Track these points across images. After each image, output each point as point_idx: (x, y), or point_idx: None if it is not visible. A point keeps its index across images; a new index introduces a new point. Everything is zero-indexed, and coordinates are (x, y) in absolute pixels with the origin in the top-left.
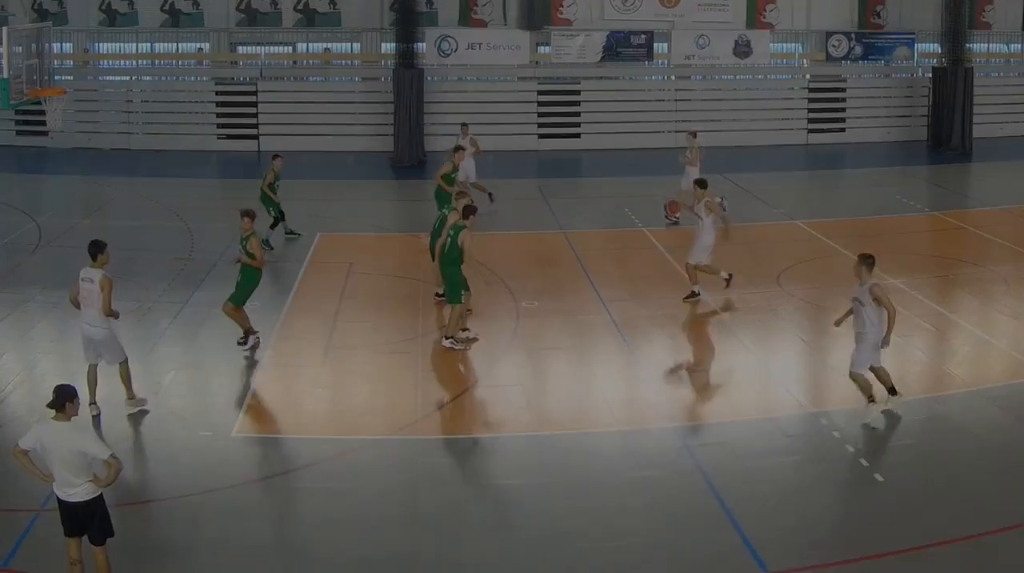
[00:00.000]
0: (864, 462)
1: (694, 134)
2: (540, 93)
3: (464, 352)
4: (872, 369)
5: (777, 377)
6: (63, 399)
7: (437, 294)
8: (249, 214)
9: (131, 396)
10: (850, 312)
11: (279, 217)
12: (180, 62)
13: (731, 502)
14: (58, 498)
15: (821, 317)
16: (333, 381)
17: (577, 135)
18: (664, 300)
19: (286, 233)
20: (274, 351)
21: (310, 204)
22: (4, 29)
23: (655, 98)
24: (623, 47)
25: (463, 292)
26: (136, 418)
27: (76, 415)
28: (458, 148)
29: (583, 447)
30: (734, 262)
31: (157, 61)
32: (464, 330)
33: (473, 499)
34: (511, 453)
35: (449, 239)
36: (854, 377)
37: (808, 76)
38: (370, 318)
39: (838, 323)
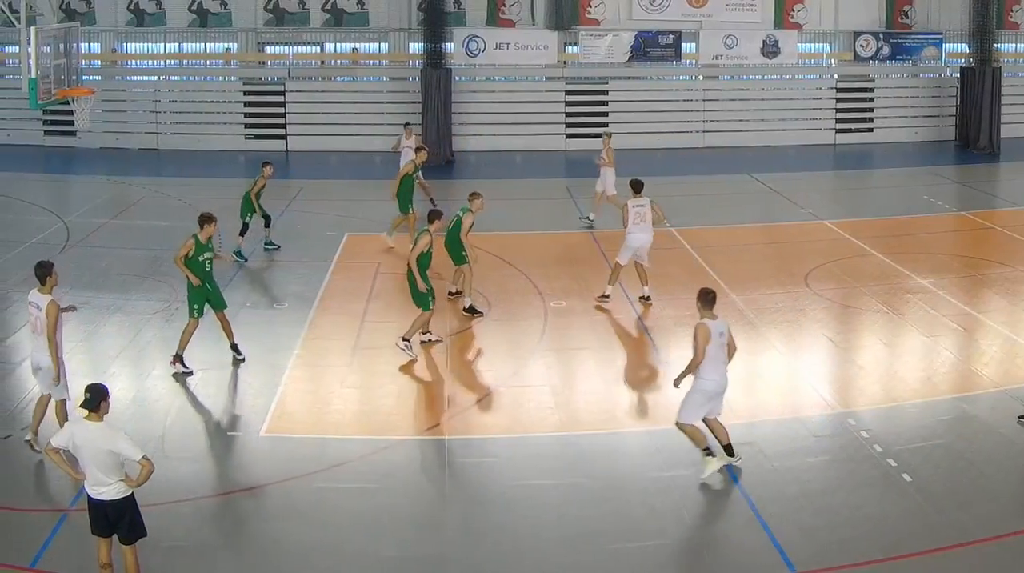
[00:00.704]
0: (892, 462)
1: (609, 135)
2: (568, 93)
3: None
4: (706, 421)
5: (805, 377)
6: (98, 398)
7: (464, 309)
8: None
9: (34, 430)
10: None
11: (250, 225)
12: (208, 62)
13: (759, 502)
14: (88, 496)
15: (849, 317)
16: (361, 381)
17: None
18: (691, 300)
19: (266, 244)
20: (302, 351)
21: (338, 204)
22: (32, 29)
23: (683, 98)
24: (651, 47)
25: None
26: (162, 418)
27: (108, 413)
28: (419, 149)
29: (610, 447)
30: (762, 262)
31: (185, 61)
32: (426, 332)
33: (500, 500)
34: (539, 453)
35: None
36: (679, 426)
37: (836, 76)
38: (398, 318)
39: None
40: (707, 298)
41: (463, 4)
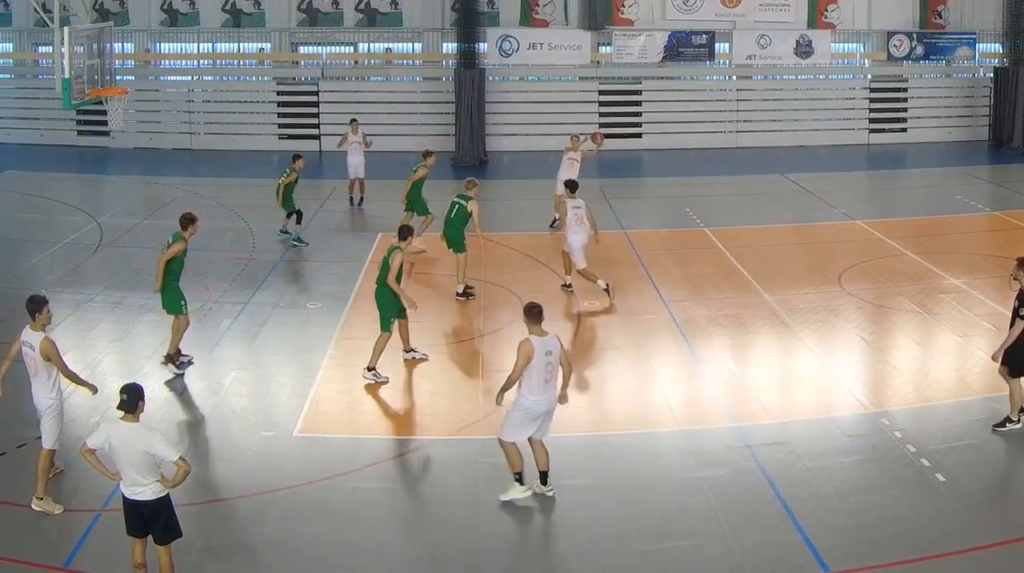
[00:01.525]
0: (925, 462)
1: (577, 137)
2: (601, 93)
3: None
4: (530, 441)
5: (838, 377)
6: (136, 399)
7: (458, 293)
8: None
9: (40, 495)
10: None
11: (293, 212)
12: (241, 62)
13: (792, 502)
14: (124, 496)
15: (882, 317)
16: (394, 381)
17: (638, 135)
18: (725, 300)
19: (294, 240)
20: (336, 351)
21: (371, 204)
22: (66, 29)
23: (716, 98)
24: (684, 47)
25: (393, 319)
26: (196, 419)
27: (143, 413)
28: (427, 153)
29: (644, 447)
30: (795, 262)
31: (218, 61)
32: (409, 350)
33: (534, 500)
34: (571, 453)
35: (384, 264)
36: (500, 443)
37: (869, 76)
38: (431, 319)
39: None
40: (532, 313)
41: (496, 4)
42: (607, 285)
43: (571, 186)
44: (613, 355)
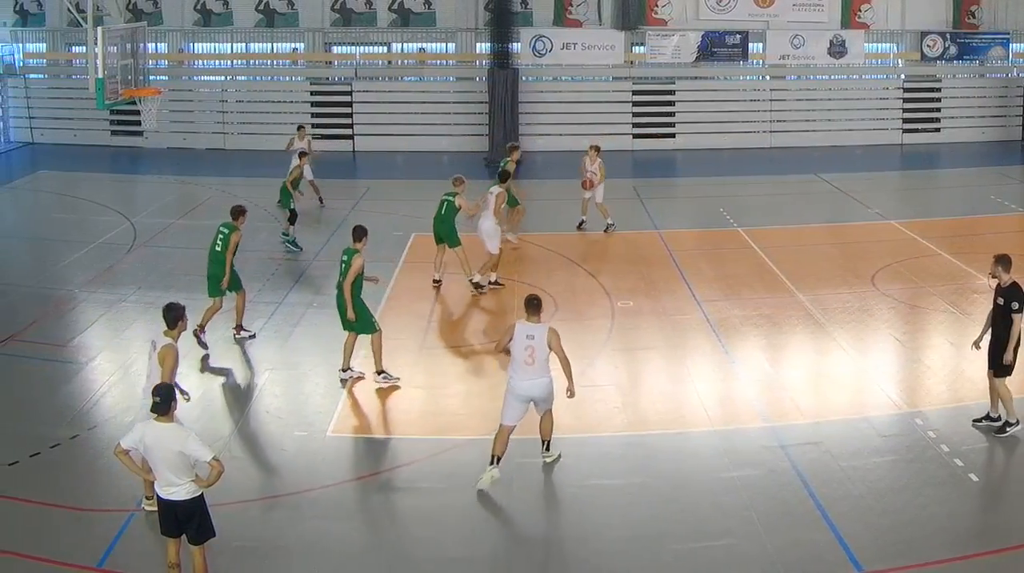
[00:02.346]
0: (959, 462)
1: (597, 148)
2: (635, 93)
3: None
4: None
5: (871, 377)
6: (169, 400)
7: (478, 286)
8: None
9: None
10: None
11: (291, 211)
12: (275, 62)
13: (826, 501)
14: (158, 496)
15: (916, 317)
16: (427, 381)
17: (672, 135)
18: (759, 300)
19: (284, 234)
20: (369, 351)
21: (404, 204)
22: (99, 29)
23: (750, 98)
24: (718, 47)
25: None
26: (229, 419)
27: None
28: (513, 147)
29: (678, 447)
30: (829, 262)
31: (252, 61)
32: (347, 369)
33: (568, 500)
34: (605, 453)
35: (343, 266)
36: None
37: (903, 76)
38: (465, 319)
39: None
40: (527, 303)
41: (530, 4)
42: (486, 282)
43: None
44: (647, 355)
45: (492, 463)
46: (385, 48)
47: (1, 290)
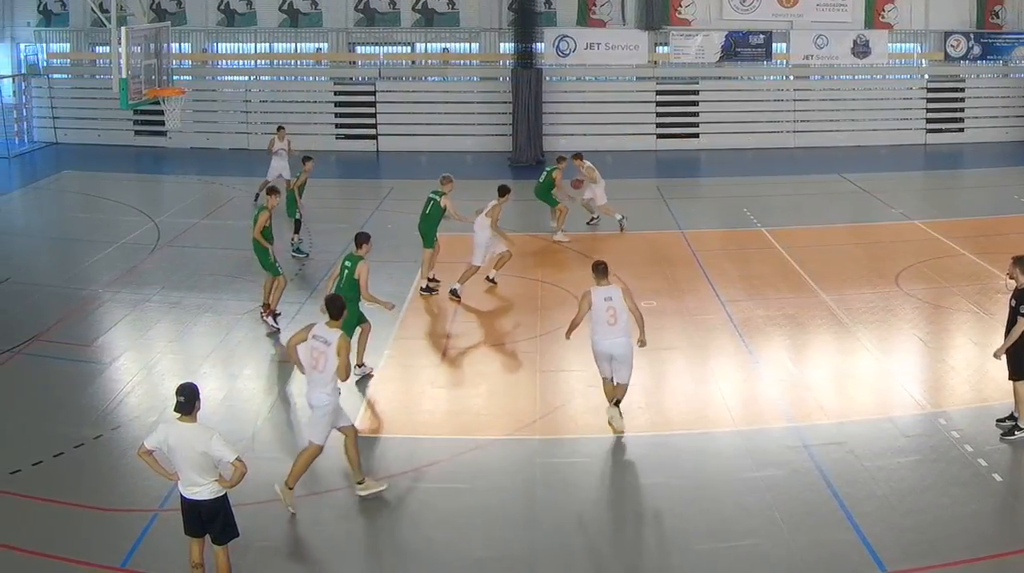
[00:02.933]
0: (982, 462)
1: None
2: (658, 93)
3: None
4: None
5: (895, 377)
6: (193, 401)
7: (423, 288)
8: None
9: (360, 479)
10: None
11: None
12: (298, 62)
13: (849, 502)
14: (182, 496)
15: (939, 317)
16: (451, 381)
17: (696, 135)
18: (783, 300)
19: (291, 242)
20: (392, 351)
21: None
22: (123, 29)
23: (774, 98)
24: (741, 47)
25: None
26: (253, 419)
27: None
28: (561, 158)
29: (701, 447)
30: (853, 262)
31: (275, 61)
32: (359, 365)
33: (591, 500)
34: (629, 453)
35: (346, 272)
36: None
37: (926, 76)
38: (489, 318)
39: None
40: (595, 269)
41: (554, 4)
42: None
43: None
44: (671, 355)
45: (613, 405)
46: (409, 48)
47: (25, 290)
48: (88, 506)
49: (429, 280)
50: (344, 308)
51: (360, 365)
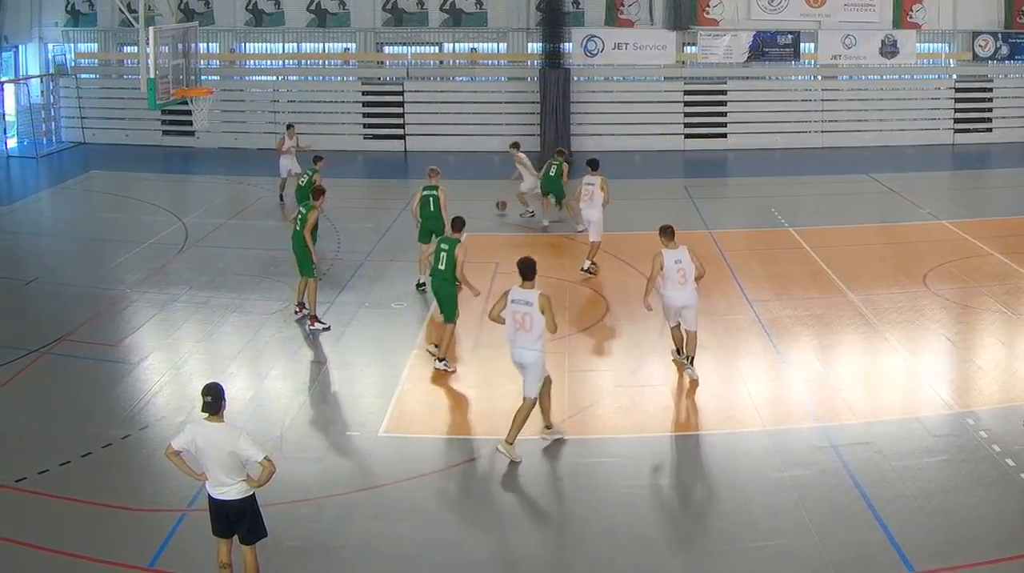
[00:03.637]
0: (1010, 462)
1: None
2: (686, 93)
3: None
4: (686, 333)
5: (923, 377)
6: (220, 401)
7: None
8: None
9: (548, 424)
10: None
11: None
12: (326, 62)
13: (877, 502)
14: (210, 496)
15: (967, 317)
16: (480, 381)
17: (724, 135)
18: (810, 300)
19: None
20: (421, 351)
21: (456, 204)
22: (151, 29)
23: (801, 98)
24: (769, 47)
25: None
26: (280, 418)
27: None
28: (560, 151)
29: (729, 447)
30: (881, 262)
31: (303, 61)
32: (442, 359)
33: (620, 500)
34: (657, 453)
35: (444, 255)
36: (672, 329)
37: (954, 76)
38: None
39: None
40: (663, 232)
41: (581, 4)
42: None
43: (593, 164)
44: (699, 355)
45: (678, 352)
46: (437, 48)
47: (54, 290)
48: (116, 506)
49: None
50: (535, 268)
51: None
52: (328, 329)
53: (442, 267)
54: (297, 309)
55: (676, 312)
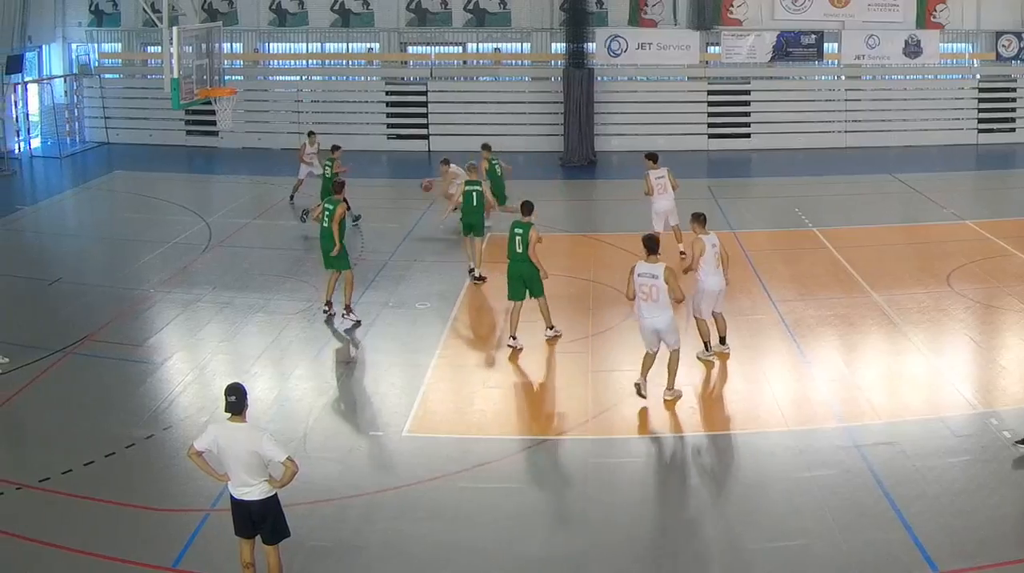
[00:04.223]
0: None
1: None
2: (710, 93)
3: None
4: (713, 316)
5: (946, 377)
6: (244, 401)
7: (472, 273)
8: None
9: (670, 385)
10: None
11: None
12: (350, 62)
13: (901, 502)
14: (232, 497)
15: (991, 317)
16: (504, 381)
17: (747, 135)
18: (834, 300)
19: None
20: (445, 351)
21: None
22: (175, 29)
23: (825, 98)
24: (793, 47)
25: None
26: (304, 418)
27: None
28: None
29: (753, 447)
30: (904, 262)
31: (327, 61)
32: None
33: (645, 500)
34: (681, 454)
35: (519, 239)
36: (696, 320)
37: (978, 76)
38: (541, 317)
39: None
40: (698, 218)
41: (605, 4)
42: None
43: (652, 157)
44: (723, 355)
45: (706, 349)
46: (460, 48)
47: (77, 290)
48: (139, 506)
49: (478, 276)
50: (659, 242)
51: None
52: (359, 324)
53: (519, 250)
54: (326, 307)
55: (715, 298)
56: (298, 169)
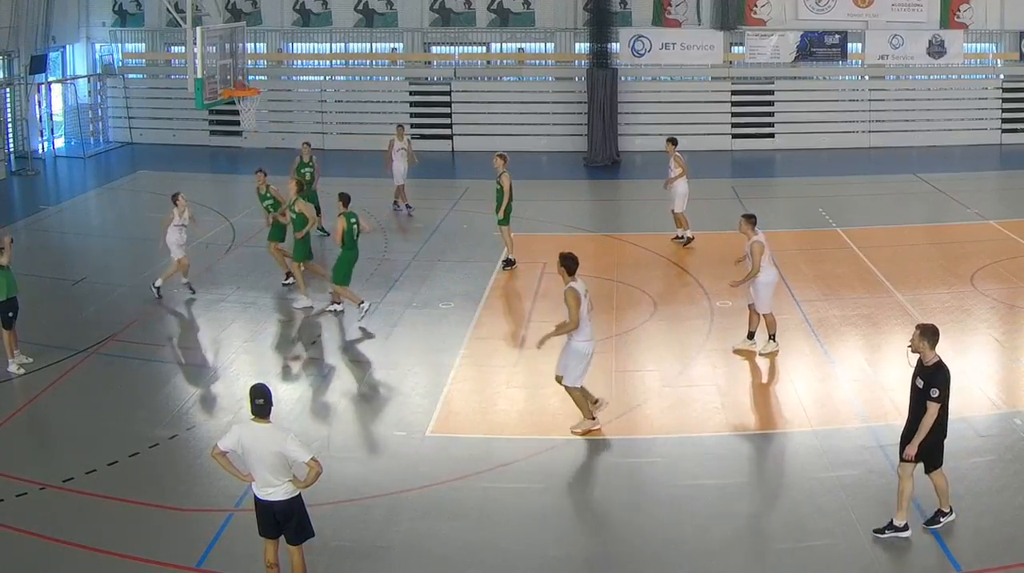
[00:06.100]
0: None
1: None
2: (734, 93)
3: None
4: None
5: (970, 377)
6: (270, 402)
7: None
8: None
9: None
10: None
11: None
12: (374, 62)
13: (925, 502)
14: (256, 497)
15: (1015, 317)
16: (527, 381)
17: (771, 135)
18: (858, 300)
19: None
20: (468, 351)
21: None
22: (198, 29)
23: (848, 98)
24: (817, 47)
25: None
26: (328, 419)
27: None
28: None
29: (776, 447)
30: (928, 262)
31: (351, 61)
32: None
33: (667, 500)
34: (704, 454)
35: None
36: (764, 316)
37: (1002, 76)
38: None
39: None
40: (750, 219)
41: (629, 4)
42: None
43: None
44: (746, 356)
45: (750, 337)
46: (484, 48)
47: (101, 290)
48: (163, 506)
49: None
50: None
51: None
52: (311, 308)
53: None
54: (335, 302)
55: (770, 292)
56: (390, 172)
